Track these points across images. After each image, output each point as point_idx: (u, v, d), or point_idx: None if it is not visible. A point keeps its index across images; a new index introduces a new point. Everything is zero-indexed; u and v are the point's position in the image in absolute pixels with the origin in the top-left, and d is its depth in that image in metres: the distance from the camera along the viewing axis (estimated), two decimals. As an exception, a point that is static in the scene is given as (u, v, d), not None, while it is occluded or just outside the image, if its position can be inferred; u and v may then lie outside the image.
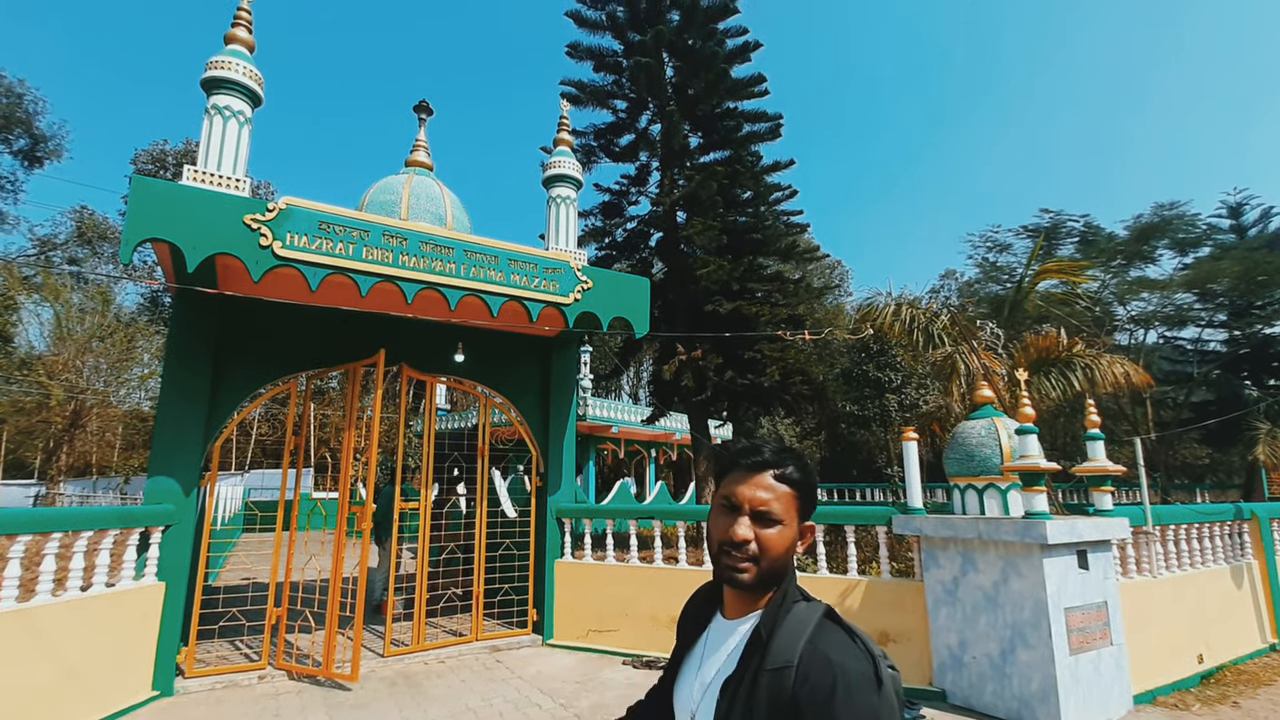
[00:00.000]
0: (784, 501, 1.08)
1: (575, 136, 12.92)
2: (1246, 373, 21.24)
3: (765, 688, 0.97)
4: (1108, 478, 5.60)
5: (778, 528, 1.07)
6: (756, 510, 1.07)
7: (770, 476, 1.09)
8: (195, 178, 5.31)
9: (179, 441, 5.62)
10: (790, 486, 1.10)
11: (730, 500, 1.10)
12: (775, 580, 1.09)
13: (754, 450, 1.13)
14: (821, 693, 0.92)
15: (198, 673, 5.56)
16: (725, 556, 1.07)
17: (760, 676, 0.98)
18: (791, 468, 1.11)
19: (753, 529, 1.06)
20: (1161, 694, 5.35)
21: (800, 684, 0.94)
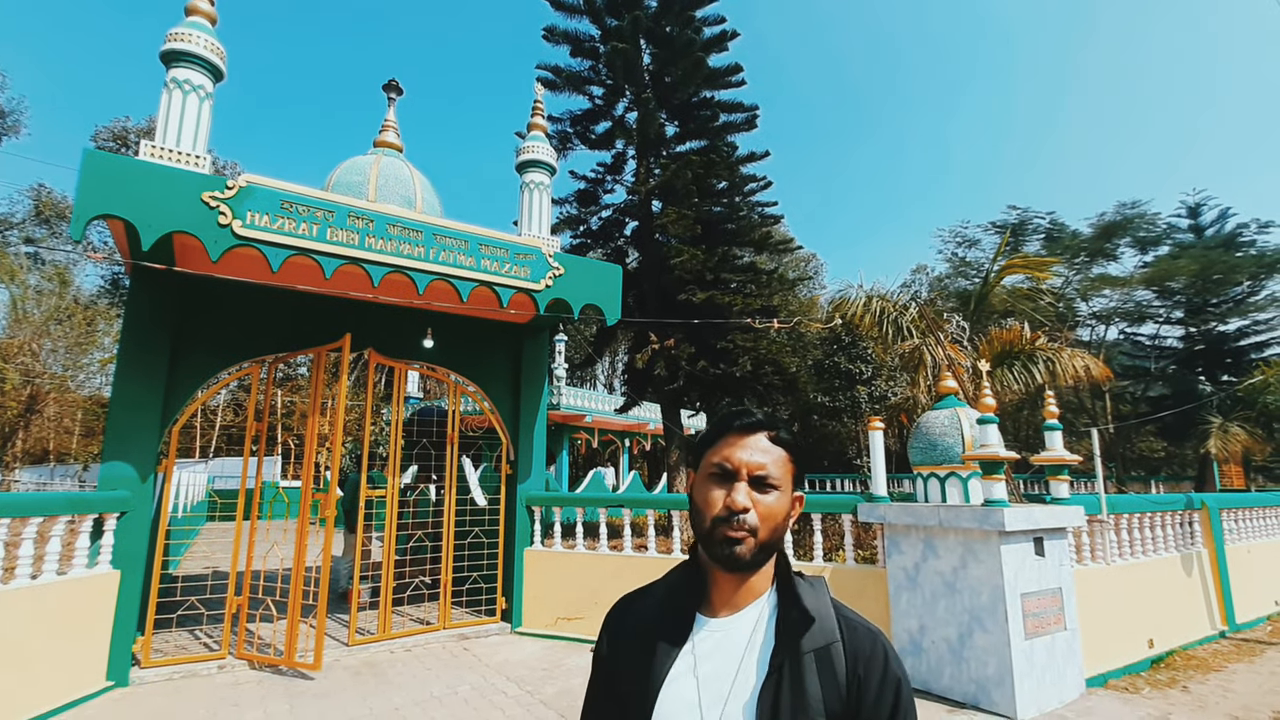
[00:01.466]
0: (781, 465, 1.01)
1: (551, 122, 12.76)
2: (1201, 368, 22.00)
3: (813, 672, 0.93)
4: (1065, 467, 5.75)
5: (775, 494, 0.99)
6: (754, 475, 0.98)
7: (766, 438, 1.02)
8: (153, 153, 5.12)
9: (135, 426, 5.46)
10: (785, 449, 1.03)
11: (724, 466, 0.99)
12: (769, 555, 1.01)
13: (746, 413, 1.05)
14: (878, 662, 0.96)
15: (154, 663, 5.43)
16: (721, 529, 0.96)
17: (802, 660, 0.94)
18: (784, 430, 1.05)
19: (750, 496, 0.97)
20: (1113, 677, 5.53)
21: (853, 658, 0.96)
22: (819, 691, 0.93)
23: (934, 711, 4.76)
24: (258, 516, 6.06)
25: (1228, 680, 5.59)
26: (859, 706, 0.93)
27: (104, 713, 4.62)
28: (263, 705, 4.79)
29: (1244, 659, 6.22)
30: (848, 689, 0.94)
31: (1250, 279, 21.12)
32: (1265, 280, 21.26)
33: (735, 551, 0.95)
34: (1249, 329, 21.67)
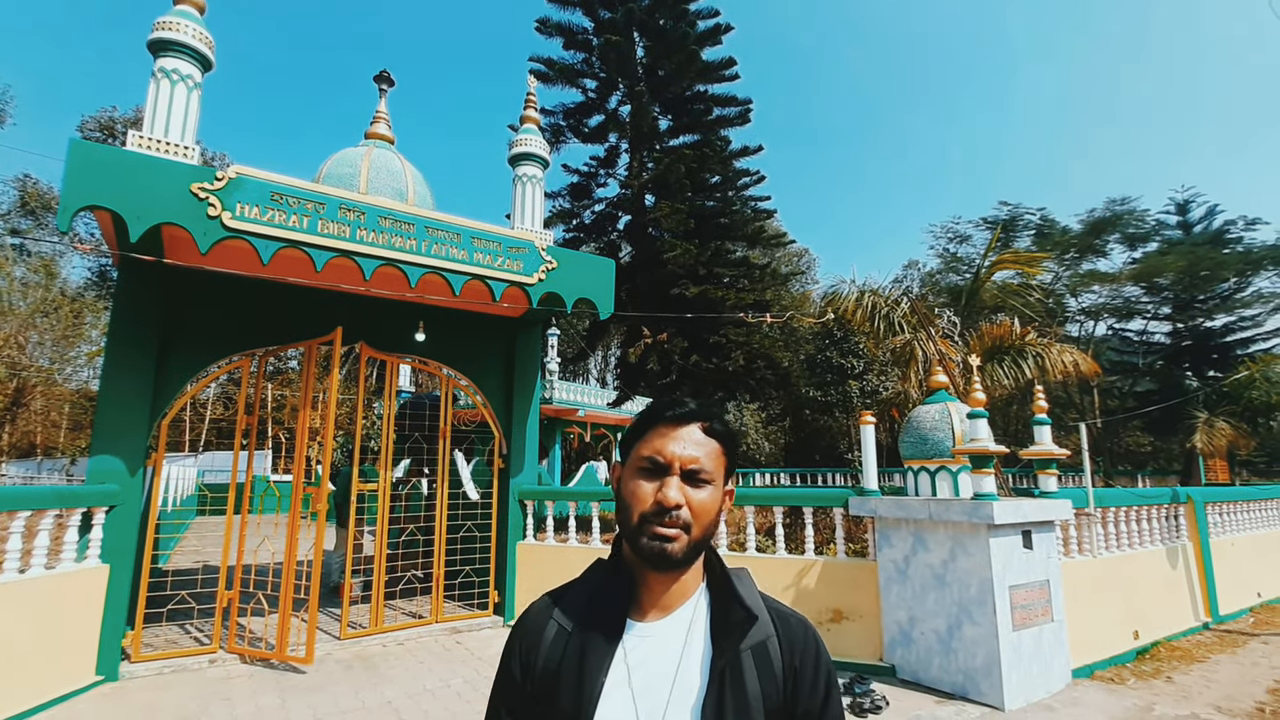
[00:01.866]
0: (714, 459, 0.96)
1: (543, 115, 12.71)
2: (1188, 364, 22.25)
3: (752, 669, 0.92)
4: (1053, 461, 5.80)
5: (709, 489, 0.94)
6: (687, 469, 0.93)
7: (699, 429, 0.96)
8: (140, 144, 5.07)
9: (123, 419, 5.41)
10: (719, 441, 0.98)
11: (656, 460, 0.93)
12: (700, 553, 0.96)
13: (679, 402, 0.99)
14: (812, 651, 0.97)
15: (144, 657, 5.40)
16: (651, 527, 0.91)
17: (741, 659, 0.92)
18: (718, 421, 0.99)
19: (682, 491, 0.92)
20: (1099, 668, 5.60)
21: (789, 650, 0.95)
22: (759, 689, 0.91)
23: (922, 702, 4.81)
24: (248, 511, 6.03)
25: (1211, 671, 5.68)
26: (796, 696, 0.93)
27: (93, 707, 4.60)
28: (254, 699, 4.78)
29: (1227, 650, 6.32)
30: (784, 680, 0.93)
31: (1237, 275, 21.35)
32: (1251, 277, 21.51)
33: (667, 550, 0.90)
34: (1235, 325, 21.93)
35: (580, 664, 0.91)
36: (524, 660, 0.96)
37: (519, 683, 0.95)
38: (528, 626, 0.99)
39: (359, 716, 4.47)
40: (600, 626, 0.94)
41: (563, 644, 0.94)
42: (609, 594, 0.97)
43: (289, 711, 4.55)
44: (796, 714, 0.93)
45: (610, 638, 0.93)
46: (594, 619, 0.95)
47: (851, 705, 4.63)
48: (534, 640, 0.97)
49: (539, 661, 0.94)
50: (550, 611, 0.99)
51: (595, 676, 0.89)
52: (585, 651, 0.92)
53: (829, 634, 5.69)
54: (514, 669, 0.97)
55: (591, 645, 0.92)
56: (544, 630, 0.97)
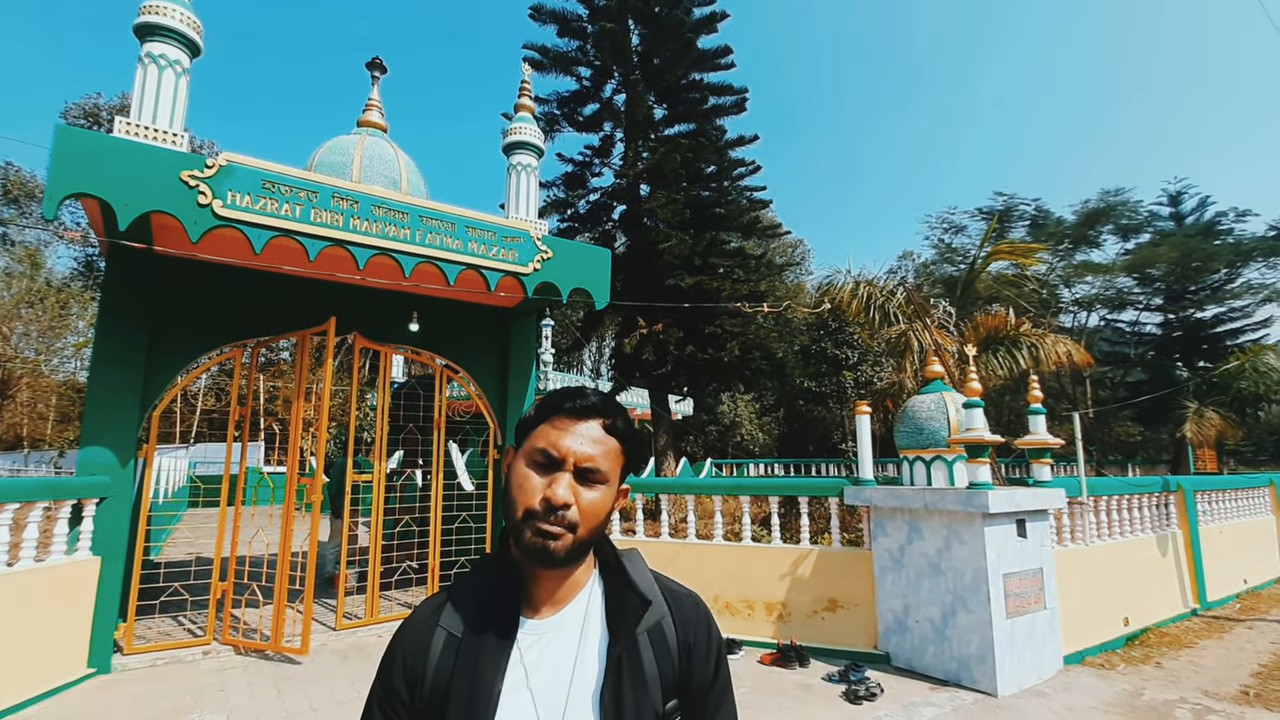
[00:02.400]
0: (611, 458, 0.92)
1: (538, 103, 12.60)
2: (1178, 354, 22.43)
3: (649, 650, 0.92)
4: (1047, 451, 5.83)
5: (601, 489, 0.91)
6: (581, 467, 0.89)
7: (600, 426, 0.92)
8: (128, 130, 4.98)
9: (113, 410, 5.35)
10: (619, 440, 0.94)
11: (549, 454, 0.89)
12: (587, 552, 0.93)
13: (579, 394, 0.94)
14: (703, 626, 0.98)
15: (137, 649, 5.38)
16: (535, 523, 0.86)
17: (637, 641, 0.91)
18: (621, 419, 0.95)
19: (573, 490, 0.88)
20: (1090, 655, 5.66)
21: (683, 628, 0.97)
22: (655, 668, 0.92)
23: (917, 689, 4.85)
24: (242, 502, 5.99)
25: (1198, 656, 5.76)
26: (689, 670, 0.95)
27: (86, 700, 4.58)
28: (249, 690, 4.77)
29: (1214, 636, 6.40)
30: (679, 657, 0.94)
31: (1227, 266, 21.51)
32: (1241, 268, 21.67)
33: (549, 547, 0.86)
34: (1225, 316, 22.11)
35: (474, 671, 0.86)
36: (409, 674, 0.89)
37: (405, 700, 0.89)
38: (412, 637, 0.92)
39: (355, 707, 4.47)
40: (492, 629, 0.89)
41: (453, 652, 0.89)
42: (499, 594, 0.92)
43: (285, 702, 4.54)
44: (690, 687, 0.95)
45: (503, 639, 0.89)
46: (485, 621, 0.90)
47: (846, 693, 4.66)
48: (420, 652, 0.90)
49: (428, 674, 0.88)
50: (436, 618, 0.93)
51: (491, 682, 0.85)
52: (478, 657, 0.87)
53: (824, 622, 5.72)
54: (397, 685, 0.89)
55: (484, 649, 0.88)
56: (430, 639, 0.91)
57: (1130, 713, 4.38)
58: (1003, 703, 4.56)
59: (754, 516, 6.73)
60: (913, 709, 4.47)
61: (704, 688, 0.96)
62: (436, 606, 0.94)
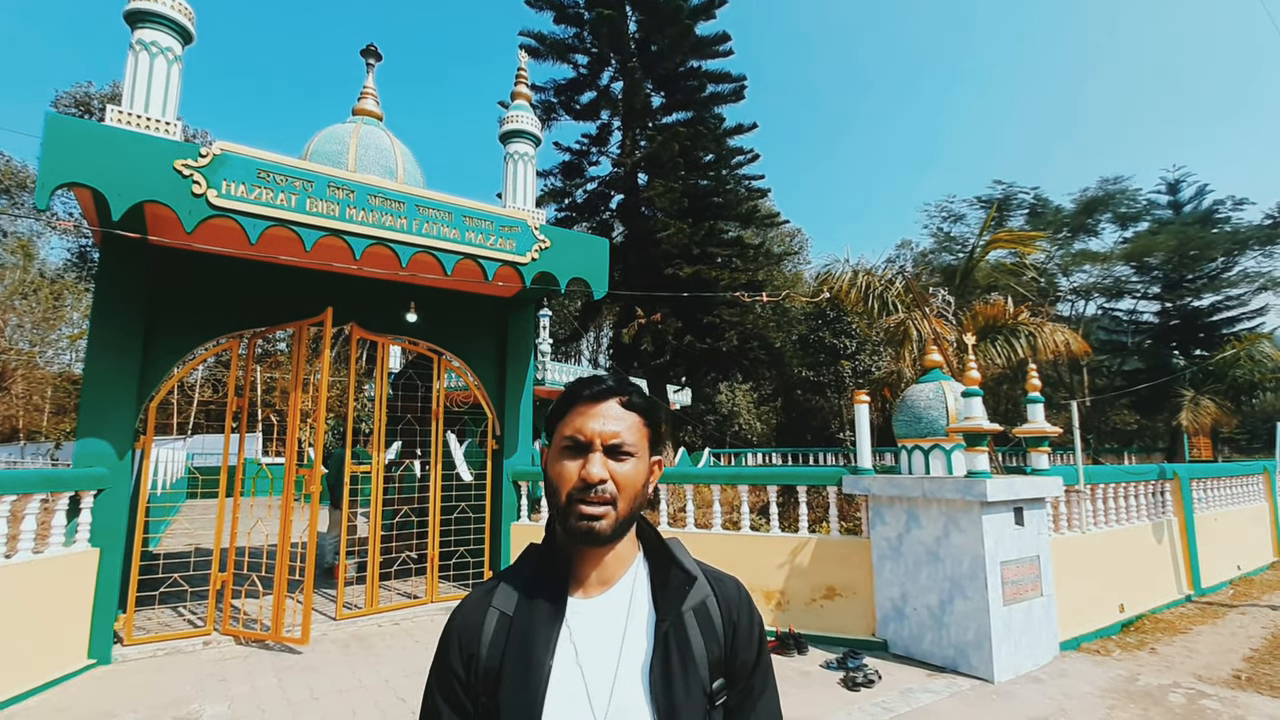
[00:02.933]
0: (635, 431, 0.97)
1: (534, 91, 12.50)
2: (1175, 343, 22.48)
3: (695, 628, 0.96)
4: (1045, 439, 5.85)
5: (632, 461, 0.95)
6: (608, 444, 0.94)
7: (617, 404, 0.98)
8: (119, 119, 4.93)
9: (110, 402, 5.33)
10: (638, 414, 0.99)
11: (576, 439, 0.95)
12: (631, 525, 0.98)
13: (595, 380, 1.00)
14: (745, 606, 1.02)
15: (137, 640, 5.39)
16: (577, 505, 0.92)
17: (683, 618, 0.96)
18: (636, 394, 1.01)
19: (606, 466, 0.93)
20: (1086, 641, 5.71)
21: (727, 607, 1.00)
22: (703, 645, 0.95)
23: (914, 675, 4.89)
24: (240, 494, 5.99)
25: (1192, 641, 5.81)
26: (735, 649, 0.98)
27: (87, 690, 4.59)
28: (250, 679, 4.78)
29: (1208, 621, 6.46)
30: (724, 636, 0.98)
31: (1225, 255, 21.51)
32: (1239, 256, 21.68)
33: (596, 526, 0.91)
34: (1222, 304, 22.15)
35: (525, 648, 0.90)
36: (464, 653, 0.94)
37: (462, 677, 0.93)
38: (466, 619, 0.97)
39: (356, 695, 4.49)
40: (542, 608, 0.94)
41: (505, 631, 0.93)
42: (547, 575, 0.97)
43: (286, 691, 4.56)
44: (736, 666, 0.98)
45: (553, 617, 0.93)
46: (535, 601, 0.94)
47: (845, 679, 4.69)
48: (474, 632, 0.95)
49: (482, 652, 0.93)
50: (489, 599, 0.98)
51: (542, 658, 0.89)
52: (529, 635, 0.91)
53: (822, 610, 5.76)
54: (453, 663, 0.94)
55: (535, 628, 0.92)
56: (483, 619, 0.96)
57: (1125, 698, 4.42)
58: (999, 689, 4.60)
59: (752, 506, 6.75)
60: (910, 695, 4.50)
61: (749, 667, 0.99)
62: (489, 589, 1.00)
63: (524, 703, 0.87)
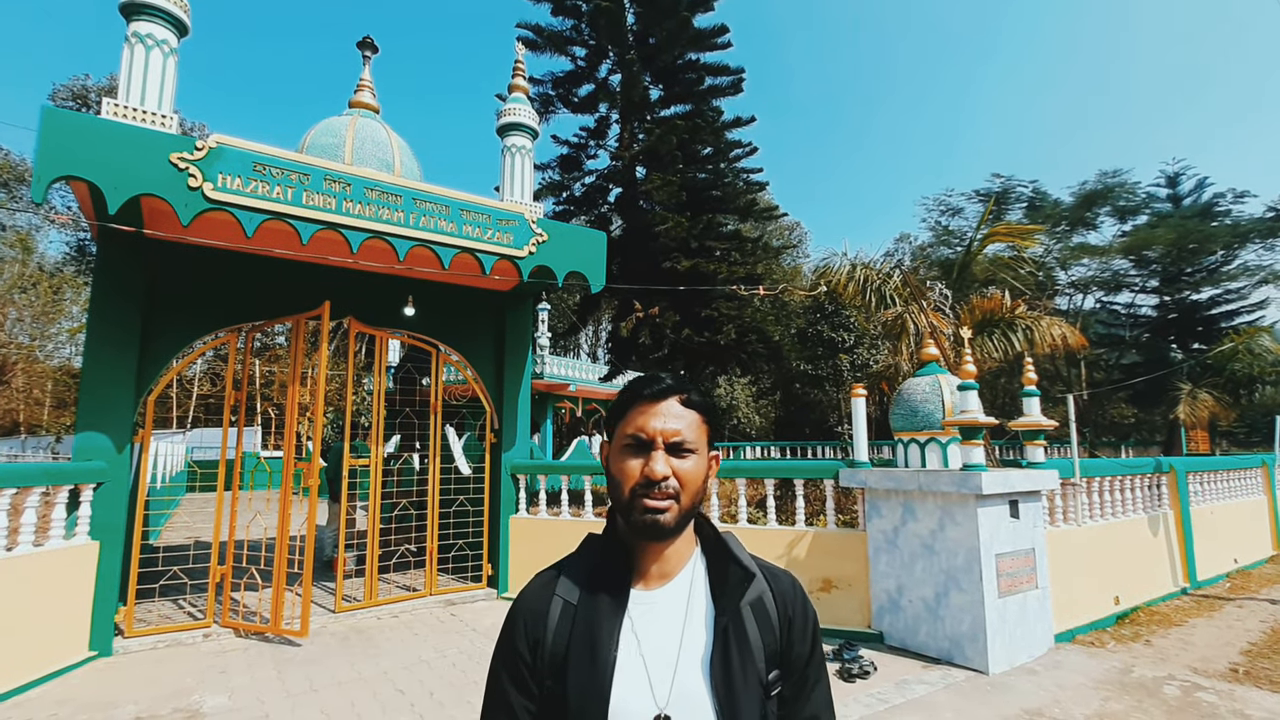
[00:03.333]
0: (695, 428, 1.00)
1: (532, 84, 12.46)
2: (1173, 336, 22.48)
3: (752, 622, 0.99)
4: (1041, 432, 5.87)
5: (693, 458, 0.99)
6: (670, 442, 0.97)
7: (677, 402, 1.01)
8: (115, 112, 4.92)
9: (108, 396, 5.34)
10: (698, 411, 1.02)
11: (639, 436, 0.98)
12: (690, 520, 1.01)
13: (654, 379, 1.03)
14: (800, 601, 1.05)
15: (138, 632, 5.41)
16: (642, 500, 0.95)
17: (741, 613, 0.99)
18: (695, 393, 1.04)
19: (668, 463, 0.96)
20: (1080, 633, 5.74)
21: (782, 602, 1.03)
22: (759, 639, 0.99)
23: (910, 667, 4.92)
24: (239, 487, 6.01)
25: (1188, 634, 5.84)
26: (790, 642, 1.02)
27: (89, 681, 4.62)
28: (250, 671, 4.81)
29: (1204, 614, 6.49)
30: (780, 630, 1.01)
31: (1224, 248, 21.45)
32: (1238, 250, 21.62)
33: (659, 520, 0.95)
34: (1221, 298, 22.11)
35: (591, 637, 0.94)
36: (530, 638, 0.98)
37: (528, 661, 0.97)
38: (531, 605, 1.01)
39: (355, 688, 4.52)
40: (605, 599, 0.97)
41: (570, 619, 0.97)
42: (610, 567, 1.00)
43: (286, 683, 4.59)
44: (791, 658, 1.01)
45: (616, 609, 0.96)
46: (598, 592, 0.98)
47: (840, 671, 4.72)
48: (539, 617, 0.99)
49: (547, 638, 0.97)
50: (552, 588, 1.01)
51: (608, 648, 0.93)
52: (595, 624, 0.95)
53: (819, 602, 5.78)
54: (520, 647, 0.98)
55: (600, 618, 0.95)
56: (548, 607, 0.99)
57: (1120, 689, 4.44)
58: (994, 680, 4.63)
59: (750, 499, 6.77)
60: (905, 687, 4.53)
61: (803, 659, 1.03)
62: (551, 578, 1.03)
63: (593, 689, 0.91)
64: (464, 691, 4.44)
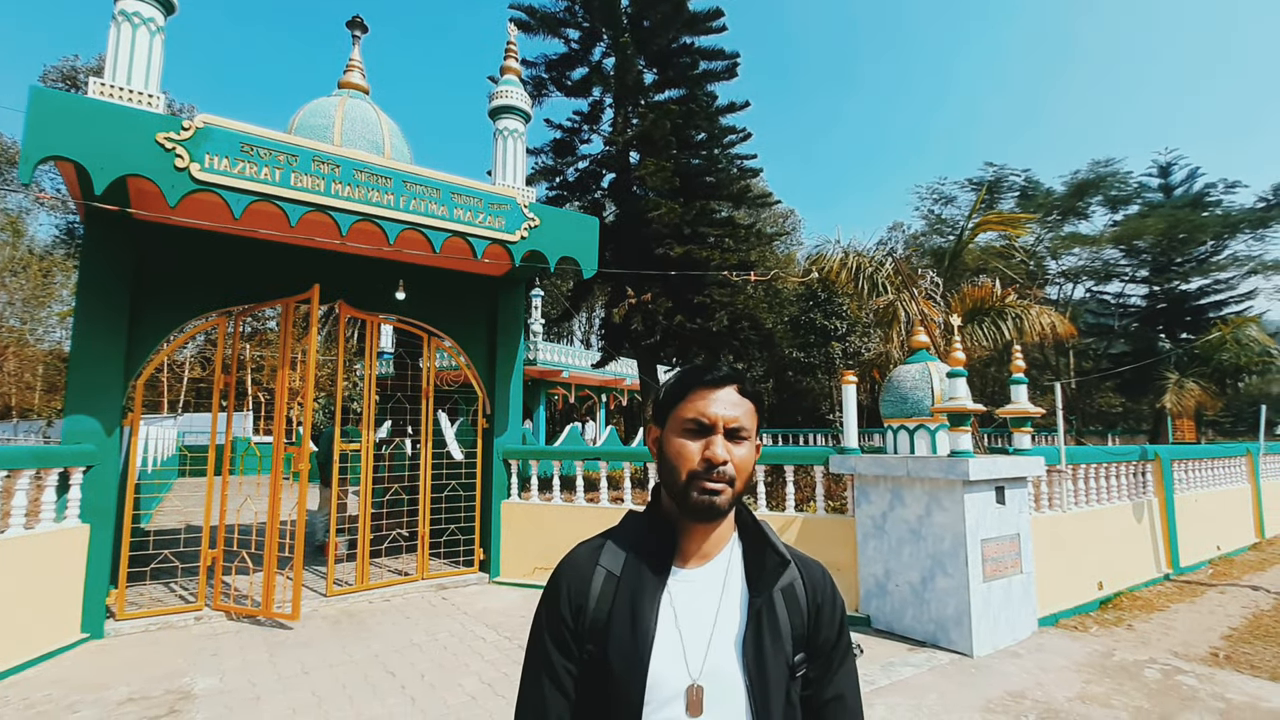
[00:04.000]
0: (749, 416, 1.05)
1: (525, 66, 12.32)
2: (1162, 326, 22.65)
3: (783, 606, 1.04)
4: (1028, 420, 5.92)
5: (747, 444, 1.03)
6: (729, 428, 1.01)
7: (735, 391, 1.05)
8: (102, 91, 4.84)
9: (97, 379, 5.31)
10: (752, 400, 1.07)
11: (700, 421, 1.01)
12: (736, 504, 1.05)
13: (713, 367, 1.08)
14: (829, 590, 1.10)
15: (129, 615, 5.43)
16: (701, 482, 0.99)
17: (774, 597, 1.03)
18: (748, 383, 1.08)
19: (727, 449, 1.00)
20: (1064, 617, 5.84)
21: (812, 590, 1.08)
22: (789, 623, 1.03)
23: (896, 649, 5.00)
24: (230, 471, 6.00)
25: (1170, 619, 5.94)
26: (818, 627, 1.06)
27: (82, 663, 4.63)
28: (242, 654, 4.84)
29: (1186, 600, 6.60)
30: (809, 615, 1.06)
31: (1214, 239, 21.59)
32: (1228, 240, 21.76)
33: (715, 502, 0.98)
34: (1209, 288, 22.27)
35: (633, 607, 0.98)
36: (573, 604, 1.02)
37: (570, 625, 1.01)
38: (575, 571, 1.05)
39: (347, 670, 4.55)
40: (648, 572, 1.01)
41: (613, 588, 1.01)
42: (654, 543, 1.04)
43: (277, 665, 4.62)
44: (818, 643, 1.06)
45: (658, 582, 1.01)
46: (641, 566, 1.02)
47: (828, 653, 4.78)
48: (583, 585, 1.03)
49: (589, 604, 1.01)
50: (596, 558, 1.06)
51: (649, 618, 0.97)
52: (637, 595, 0.99)
53: (807, 587, 5.84)
54: (563, 611, 1.02)
55: (642, 590, 0.99)
56: (592, 575, 1.04)
57: (1101, 673, 4.53)
58: (978, 663, 4.71)
59: (740, 484, 6.81)
60: (891, 669, 4.61)
61: (830, 644, 1.07)
62: (595, 549, 1.07)
63: (634, 655, 0.95)
64: (455, 674, 4.48)
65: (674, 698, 0.95)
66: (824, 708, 1.04)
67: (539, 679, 1.02)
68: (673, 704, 0.95)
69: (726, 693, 0.97)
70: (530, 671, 1.04)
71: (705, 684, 0.96)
